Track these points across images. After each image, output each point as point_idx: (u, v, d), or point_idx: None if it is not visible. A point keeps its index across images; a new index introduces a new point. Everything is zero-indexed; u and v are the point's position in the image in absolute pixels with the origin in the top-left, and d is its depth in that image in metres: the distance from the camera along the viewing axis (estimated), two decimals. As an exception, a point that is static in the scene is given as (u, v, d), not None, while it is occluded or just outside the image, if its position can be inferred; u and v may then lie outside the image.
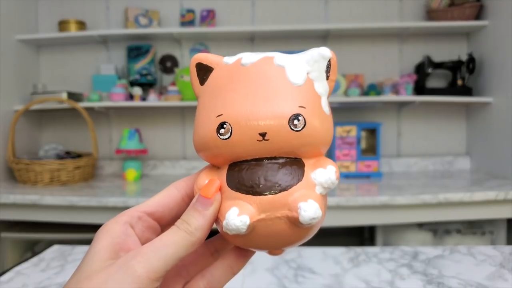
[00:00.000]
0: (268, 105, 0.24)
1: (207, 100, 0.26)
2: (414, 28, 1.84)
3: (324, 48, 0.26)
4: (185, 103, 1.83)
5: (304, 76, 0.25)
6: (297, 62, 0.26)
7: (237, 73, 0.26)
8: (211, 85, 0.26)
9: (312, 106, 0.25)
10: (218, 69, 0.27)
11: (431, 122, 1.99)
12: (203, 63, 0.27)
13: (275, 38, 1.97)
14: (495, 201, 1.41)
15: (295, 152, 0.25)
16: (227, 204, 0.24)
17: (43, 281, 0.59)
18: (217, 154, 0.25)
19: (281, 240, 0.25)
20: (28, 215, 1.51)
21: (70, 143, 2.02)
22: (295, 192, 0.24)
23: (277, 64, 0.25)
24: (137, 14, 1.87)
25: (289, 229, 0.24)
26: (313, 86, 0.26)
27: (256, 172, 0.24)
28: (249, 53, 0.26)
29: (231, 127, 0.24)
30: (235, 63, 0.26)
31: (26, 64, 1.94)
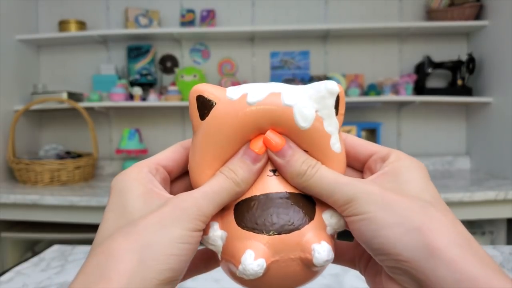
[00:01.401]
0: None
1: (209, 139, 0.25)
2: (414, 28, 1.84)
3: (331, 83, 0.25)
4: (185, 103, 1.83)
5: (312, 116, 0.24)
6: (305, 100, 0.24)
7: (242, 112, 0.24)
8: (213, 121, 0.24)
9: (320, 147, 0.25)
10: (220, 104, 0.24)
11: (431, 122, 1.99)
12: (204, 96, 0.25)
13: (275, 38, 1.97)
14: (495, 201, 1.41)
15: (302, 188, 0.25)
16: (240, 245, 0.23)
17: (43, 281, 0.59)
18: None
19: (292, 281, 0.24)
20: (28, 215, 1.51)
21: (70, 143, 2.03)
22: (307, 232, 0.23)
23: (285, 104, 0.24)
24: (137, 14, 1.87)
25: (301, 271, 0.24)
26: (323, 125, 0.25)
27: (268, 209, 0.24)
28: (254, 87, 0.25)
29: None
30: (240, 99, 0.24)
31: (26, 64, 1.94)
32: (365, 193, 0.22)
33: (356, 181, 0.23)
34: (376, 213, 0.21)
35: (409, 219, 0.21)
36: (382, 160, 0.25)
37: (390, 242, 0.21)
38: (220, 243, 0.24)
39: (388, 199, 0.22)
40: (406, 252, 0.20)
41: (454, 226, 0.21)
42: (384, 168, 0.24)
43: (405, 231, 0.21)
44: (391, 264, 0.21)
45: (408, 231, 0.21)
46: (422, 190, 0.23)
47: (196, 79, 1.88)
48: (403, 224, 0.21)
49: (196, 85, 0.25)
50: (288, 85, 0.25)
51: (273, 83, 0.25)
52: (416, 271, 0.20)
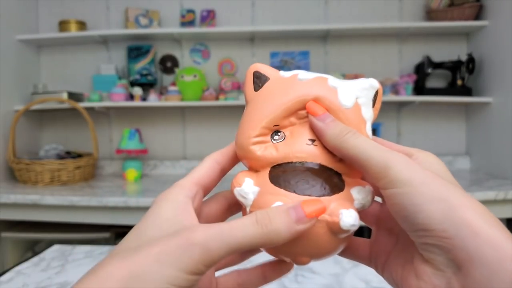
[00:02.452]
0: None
1: (260, 104, 0.27)
2: (414, 28, 1.84)
3: (373, 80, 0.28)
4: (185, 103, 1.83)
5: (353, 100, 0.27)
6: (348, 86, 0.27)
7: (293, 85, 0.27)
8: (266, 92, 0.28)
9: (357, 128, 0.26)
10: (274, 79, 0.28)
11: (430, 122, 1.99)
12: (261, 71, 0.28)
13: (275, 38, 1.97)
14: (494, 201, 1.41)
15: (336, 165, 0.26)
16: (270, 198, 0.24)
17: (44, 281, 0.59)
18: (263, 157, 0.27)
19: (314, 246, 0.24)
20: (29, 215, 1.51)
21: (71, 143, 2.03)
22: (336, 200, 0.24)
23: (331, 85, 0.27)
24: (137, 14, 1.88)
25: (324, 235, 0.24)
26: (361, 111, 0.27)
27: (302, 173, 0.25)
28: (304, 71, 0.28)
29: (285, 134, 0.26)
30: (292, 77, 0.28)
31: (26, 64, 1.94)
32: (406, 164, 0.22)
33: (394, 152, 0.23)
34: (419, 187, 0.21)
35: (452, 196, 0.21)
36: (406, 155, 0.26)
37: (436, 217, 0.20)
38: (252, 197, 0.25)
39: (428, 173, 0.22)
40: (452, 229, 0.20)
41: (485, 209, 0.21)
42: None
43: (450, 207, 0.20)
44: (432, 241, 0.21)
45: (453, 208, 0.20)
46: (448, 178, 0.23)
47: (196, 79, 1.88)
48: (447, 200, 0.20)
49: (255, 63, 0.29)
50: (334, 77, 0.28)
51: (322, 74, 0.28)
52: (459, 250, 0.20)
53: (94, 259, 0.68)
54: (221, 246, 0.20)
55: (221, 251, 0.20)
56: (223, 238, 0.20)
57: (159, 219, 0.23)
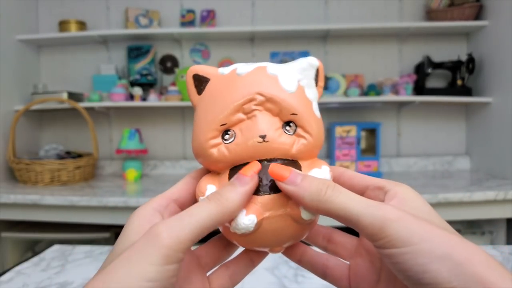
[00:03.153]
0: None
1: (205, 107, 0.27)
2: (414, 28, 1.84)
3: (312, 58, 0.28)
4: (185, 103, 1.83)
5: (295, 83, 0.27)
6: (288, 70, 0.27)
7: (233, 82, 0.27)
8: (209, 93, 0.28)
9: (304, 111, 0.27)
10: (214, 79, 0.28)
11: (430, 122, 1.99)
12: (200, 74, 0.28)
13: (275, 38, 1.97)
14: (494, 201, 1.41)
15: (291, 154, 0.26)
16: None
17: (44, 281, 0.59)
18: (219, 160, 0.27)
19: (283, 236, 0.26)
20: (29, 215, 1.51)
21: (71, 143, 2.03)
22: None
23: (270, 73, 0.27)
24: (137, 14, 1.87)
25: (291, 226, 0.26)
26: (304, 92, 0.27)
27: (259, 172, 0.26)
28: (242, 64, 0.28)
29: (235, 133, 0.26)
30: (230, 73, 0.27)
31: (26, 64, 1.94)
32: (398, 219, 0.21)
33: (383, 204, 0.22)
34: (421, 245, 0.20)
35: (455, 250, 0.20)
36: (379, 189, 0.25)
37: (444, 276, 0.19)
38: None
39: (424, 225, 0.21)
40: (462, 286, 0.19)
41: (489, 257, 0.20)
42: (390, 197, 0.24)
43: (457, 264, 0.19)
44: None
45: (460, 264, 0.19)
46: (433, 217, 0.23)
47: (196, 79, 1.88)
48: (452, 256, 0.20)
49: (192, 66, 0.29)
50: (274, 63, 0.28)
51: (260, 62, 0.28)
52: None
53: (94, 259, 0.68)
54: (184, 229, 0.21)
55: (186, 232, 0.21)
56: (183, 221, 0.22)
57: (128, 233, 0.24)
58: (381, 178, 0.27)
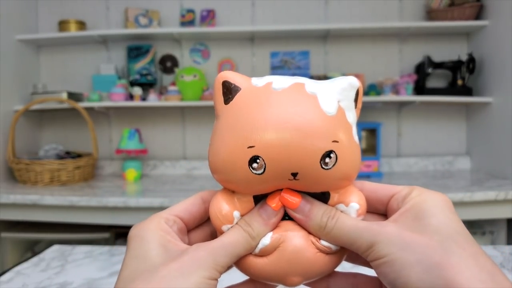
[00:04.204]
0: (302, 139, 0.23)
1: (232, 121, 0.25)
2: (414, 28, 1.84)
3: (352, 77, 0.25)
4: (185, 103, 1.83)
5: (336, 105, 0.24)
6: (328, 90, 0.25)
7: (267, 97, 0.24)
8: (238, 105, 0.25)
9: (345, 138, 0.24)
10: (246, 89, 0.25)
11: (431, 122, 1.99)
12: (230, 81, 0.25)
13: (275, 38, 1.97)
14: (495, 201, 1.41)
15: (321, 188, 0.25)
16: None
17: (43, 281, 0.59)
18: (245, 186, 0.25)
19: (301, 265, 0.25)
20: (28, 215, 1.51)
21: (70, 143, 2.02)
22: None
23: (309, 91, 0.24)
24: (137, 14, 1.87)
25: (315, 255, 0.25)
26: (345, 116, 0.25)
27: None
28: (278, 77, 0.25)
29: (265, 163, 0.23)
30: (265, 86, 0.25)
31: (26, 64, 1.94)
32: (384, 236, 0.23)
33: (374, 225, 0.24)
34: (396, 254, 0.22)
35: (428, 256, 0.21)
36: (404, 198, 0.25)
37: (412, 281, 0.21)
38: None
39: (406, 238, 0.22)
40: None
41: (475, 260, 0.21)
42: (405, 205, 0.24)
43: (426, 268, 0.21)
44: None
45: (429, 269, 0.21)
46: (445, 224, 0.23)
47: (196, 79, 1.88)
48: (423, 262, 0.21)
49: (223, 72, 0.26)
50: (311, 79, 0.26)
51: (296, 76, 0.26)
52: None
53: (93, 259, 0.68)
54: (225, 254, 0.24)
55: (225, 258, 0.24)
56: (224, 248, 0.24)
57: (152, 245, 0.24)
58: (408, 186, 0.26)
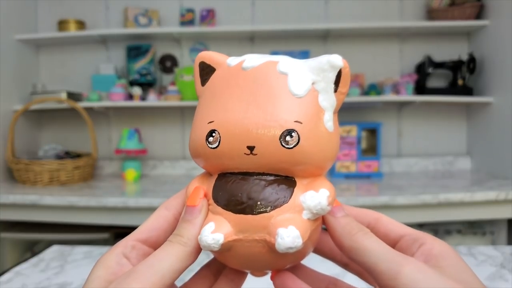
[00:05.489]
0: (260, 117, 0.22)
1: (204, 102, 0.25)
2: (415, 28, 1.84)
3: (335, 56, 0.23)
4: (185, 103, 1.83)
5: (307, 86, 0.23)
6: (302, 69, 0.23)
7: (236, 77, 0.24)
8: (211, 87, 0.25)
9: (311, 121, 0.22)
10: (220, 70, 0.25)
11: (431, 122, 1.99)
12: (206, 62, 0.26)
13: (275, 38, 1.97)
14: (495, 201, 1.41)
15: (288, 170, 0.23)
16: (208, 217, 0.24)
17: (43, 281, 0.59)
18: (206, 163, 0.24)
19: (259, 263, 0.24)
20: (28, 215, 1.51)
21: (70, 143, 2.02)
22: (278, 215, 0.22)
23: (280, 70, 0.23)
24: (137, 14, 1.87)
25: (267, 253, 0.23)
26: (317, 99, 0.23)
27: (240, 187, 0.23)
28: (253, 56, 0.24)
29: (220, 136, 0.22)
30: (236, 65, 0.24)
31: (25, 64, 1.94)
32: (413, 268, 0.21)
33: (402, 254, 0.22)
34: None
35: None
36: (415, 241, 0.24)
37: None
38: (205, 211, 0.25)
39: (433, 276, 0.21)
40: None
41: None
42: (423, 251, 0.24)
43: None
44: None
45: None
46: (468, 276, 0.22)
47: (196, 79, 1.88)
48: None
49: (201, 52, 0.26)
50: (290, 58, 0.24)
51: (276, 55, 0.24)
52: None
53: (93, 260, 0.67)
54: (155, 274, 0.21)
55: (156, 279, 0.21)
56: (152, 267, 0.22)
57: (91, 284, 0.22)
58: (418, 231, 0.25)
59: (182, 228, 0.23)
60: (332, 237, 0.24)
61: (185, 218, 0.24)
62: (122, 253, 0.24)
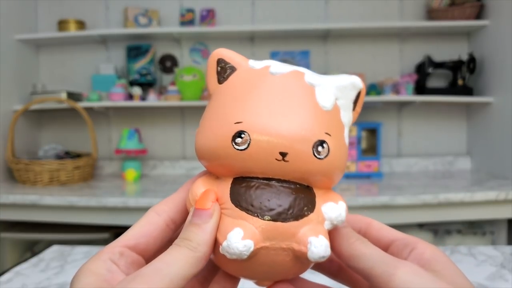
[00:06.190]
0: (295, 124, 0.22)
1: (223, 101, 0.23)
2: (415, 28, 1.84)
3: (356, 77, 0.24)
4: (185, 103, 1.83)
5: (333, 101, 0.23)
6: (327, 85, 0.24)
7: (264, 81, 0.23)
8: (231, 86, 0.24)
9: (336, 134, 0.23)
10: (241, 70, 0.24)
11: (431, 122, 1.99)
12: (226, 60, 0.24)
13: (275, 37, 1.97)
14: (495, 201, 1.41)
15: (309, 179, 0.23)
16: (229, 222, 0.22)
17: (43, 282, 0.59)
18: (225, 164, 0.23)
19: (277, 272, 0.23)
20: (28, 215, 1.51)
21: (70, 143, 2.02)
22: (305, 224, 0.22)
23: (308, 82, 0.23)
24: (137, 14, 1.87)
25: (290, 262, 0.22)
26: (339, 114, 0.24)
27: (267, 193, 0.22)
28: (277, 62, 0.24)
29: (250, 138, 0.22)
30: (263, 69, 0.24)
31: (25, 64, 1.94)
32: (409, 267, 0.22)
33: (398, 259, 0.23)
34: None
35: None
36: (406, 246, 0.25)
37: None
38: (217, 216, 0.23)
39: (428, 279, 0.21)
40: None
41: None
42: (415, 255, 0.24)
43: None
44: None
45: None
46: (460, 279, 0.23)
47: (196, 78, 1.88)
48: None
49: (218, 49, 0.25)
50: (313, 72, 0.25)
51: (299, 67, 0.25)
52: None
53: (93, 260, 0.67)
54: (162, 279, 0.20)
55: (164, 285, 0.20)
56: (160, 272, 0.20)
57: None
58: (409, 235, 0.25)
59: (190, 232, 0.22)
60: (332, 246, 0.24)
61: (193, 221, 0.22)
62: (110, 259, 0.22)
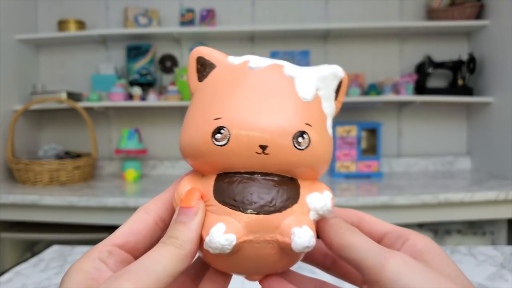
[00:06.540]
0: (274, 117, 0.22)
1: (203, 99, 0.24)
2: (415, 28, 1.84)
3: (337, 67, 0.24)
4: (185, 103, 1.82)
5: (313, 92, 0.23)
6: (307, 76, 0.24)
7: (243, 76, 0.23)
8: (211, 83, 0.24)
9: (317, 125, 0.23)
10: (221, 67, 0.24)
11: (431, 122, 1.99)
12: (205, 57, 0.25)
13: (275, 37, 1.97)
14: (495, 201, 1.41)
15: (292, 171, 0.23)
16: (212, 218, 0.22)
17: (43, 282, 0.59)
18: (208, 161, 0.23)
19: (265, 265, 0.23)
20: (28, 215, 1.51)
21: (70, 143, 2.02)
22: (289, 215, 0.22)
23: (287, 74, 0.23)
24: (137, 14, 1.87)
25: (276, 254, 0.22)
26: (321, 105, 0.24)
27: (249, 187, 0.22)
28: (257, 57, 0.24)
29: (229, 133, 0.22)
30: (241, 64, 0.24)
31: (25, 64, 1.94)
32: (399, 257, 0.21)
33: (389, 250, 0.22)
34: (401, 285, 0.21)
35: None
36: (399, 237, 0.25)
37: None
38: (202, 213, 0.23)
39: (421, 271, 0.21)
40: None
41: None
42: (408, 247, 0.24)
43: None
44: None
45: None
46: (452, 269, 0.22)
47: (196, 79, 1.88)
48: None
49: (197, 47, 0.25)
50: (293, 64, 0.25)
51: (276, 59, 0.25)
52: None
53: (93, 260, 0.67)
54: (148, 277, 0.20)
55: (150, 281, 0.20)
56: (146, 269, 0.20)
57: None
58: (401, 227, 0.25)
59: (176, 230, 0.22)
60: (322, 237, 0.24)
61: (178, 219, 0.22)
62: (98, 258, 0.22)
